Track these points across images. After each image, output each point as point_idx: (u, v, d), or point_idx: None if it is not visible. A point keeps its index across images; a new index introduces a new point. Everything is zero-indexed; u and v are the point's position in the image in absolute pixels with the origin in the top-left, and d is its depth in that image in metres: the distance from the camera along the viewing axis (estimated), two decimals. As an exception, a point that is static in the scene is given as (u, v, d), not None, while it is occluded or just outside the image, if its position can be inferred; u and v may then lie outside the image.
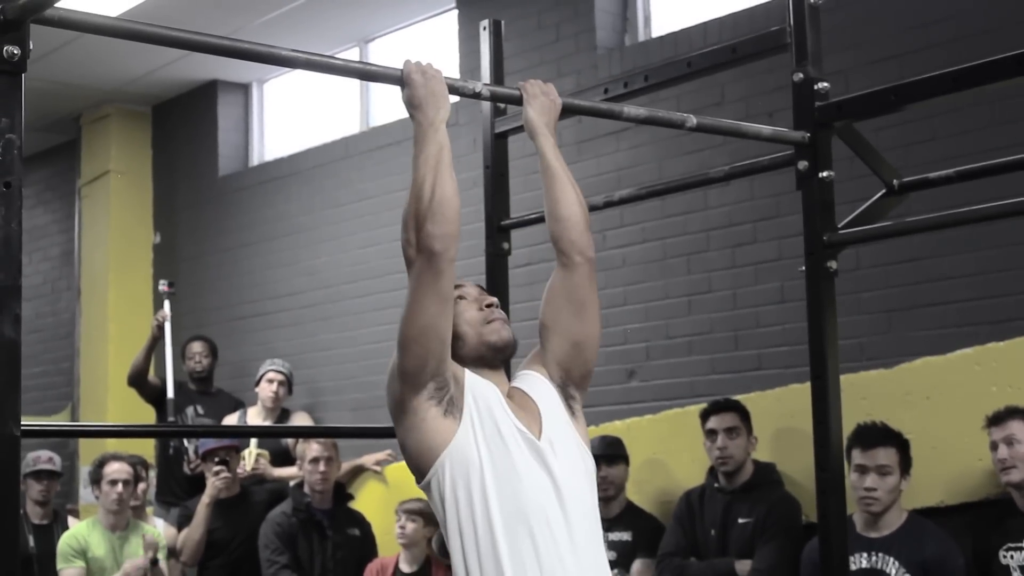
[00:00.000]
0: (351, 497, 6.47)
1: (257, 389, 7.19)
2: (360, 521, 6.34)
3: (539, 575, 2.52)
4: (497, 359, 2.76)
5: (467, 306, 2.74)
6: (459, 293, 2.73)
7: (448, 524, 2.58)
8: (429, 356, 2.55)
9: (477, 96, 2.86)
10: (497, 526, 2.53)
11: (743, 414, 5.18)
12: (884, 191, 3.38)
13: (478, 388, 2.65)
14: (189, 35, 2.40)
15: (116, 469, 5.91)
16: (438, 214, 2.47)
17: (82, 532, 5.94)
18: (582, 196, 2.85)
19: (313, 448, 6.14)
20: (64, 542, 5.89)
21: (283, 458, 6.95)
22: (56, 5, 2.17)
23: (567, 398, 2.80)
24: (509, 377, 2.83)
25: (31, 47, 2.19)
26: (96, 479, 5.96)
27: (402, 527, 5.93)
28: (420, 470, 2.63)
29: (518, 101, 2.89)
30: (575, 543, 2.59)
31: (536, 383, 2.80)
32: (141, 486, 6.18)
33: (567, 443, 2.70)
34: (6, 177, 2.14)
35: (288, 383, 7.18)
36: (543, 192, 2.86)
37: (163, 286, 7.66)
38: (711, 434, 5.17)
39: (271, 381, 7.12)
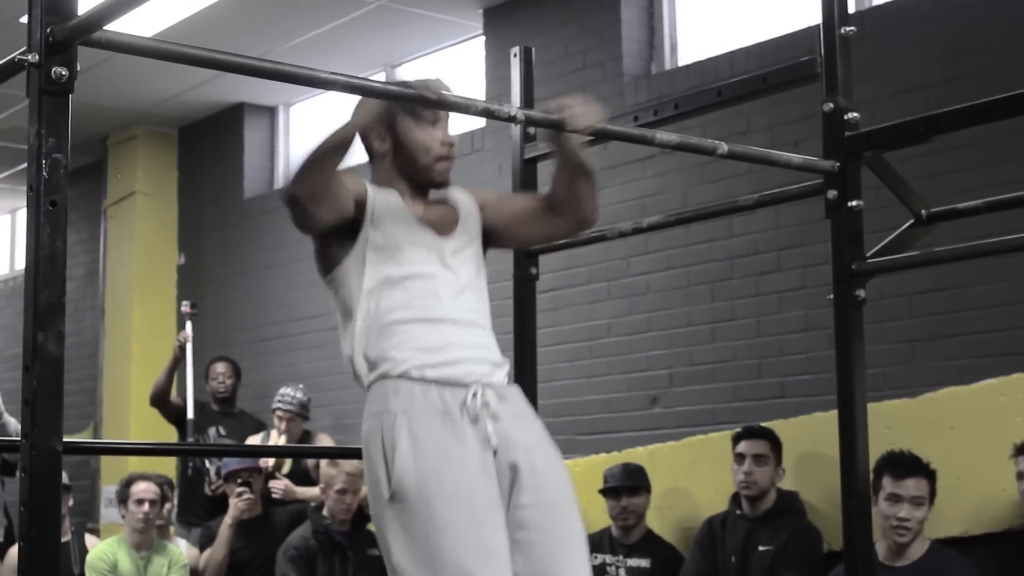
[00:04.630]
0: (370, 519, 6.45)
1: (275, 413, 7.18)
2: (381, 542, 6.32)
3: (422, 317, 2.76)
4: (426, 189, 2.93)
5: (429, 131, 2.89)
6: (433, 116, 2.87)
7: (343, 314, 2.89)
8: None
9: (512, 120, 2.87)
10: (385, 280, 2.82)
11: (775, 443, 5.18)
12: (912, 221, 3.38)
13: (379, 198, 2.85)
14: (239, 59, 2.41)
15: (143, 489, 5.92)
16: (305, 182, 2.81)
17: (111, 549, 5.95)
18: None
19: (340, 479, 6.07)
20: (96, 557, 5.90)
21: (302, 478, 6.94)
22: (104, 28, 2.19)
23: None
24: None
25: (78, 68, 2.21)
26: (123, 498, 5.97)
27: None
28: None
29: (553, 127, 2.81)
30: (459, 300, 2.80)
31: (469, 204, 2.98)
32: (167, 506, 6.19)
33: (467, 249, 2.91)
34: (53, 196, 2.15)
35: (298, 415, 6.98)
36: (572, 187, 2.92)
37: (186, 307, 7.68)
38: (739, 458, 5.17)
39: (280, 418, 6.97)
